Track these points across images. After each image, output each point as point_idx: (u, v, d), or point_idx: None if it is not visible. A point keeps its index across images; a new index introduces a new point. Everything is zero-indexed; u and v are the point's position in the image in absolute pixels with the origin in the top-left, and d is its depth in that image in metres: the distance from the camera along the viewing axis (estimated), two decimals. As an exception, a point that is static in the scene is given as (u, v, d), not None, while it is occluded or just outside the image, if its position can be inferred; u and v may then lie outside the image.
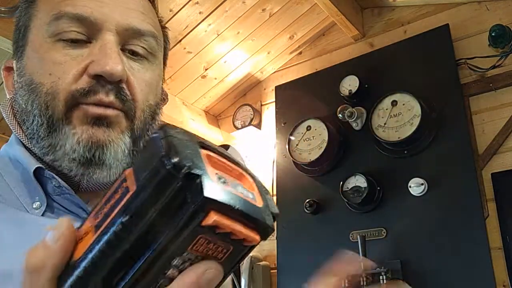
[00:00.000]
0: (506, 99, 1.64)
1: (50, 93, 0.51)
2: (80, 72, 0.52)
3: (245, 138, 2.31)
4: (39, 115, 0.52)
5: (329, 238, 1.81)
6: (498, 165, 1.59)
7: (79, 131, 0.51)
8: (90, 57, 0.52)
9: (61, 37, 0.53)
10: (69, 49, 0.52)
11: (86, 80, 0.51)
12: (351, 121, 1.85)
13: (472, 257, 1.48)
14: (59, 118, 0.52)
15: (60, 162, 0.52)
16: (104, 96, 0.51)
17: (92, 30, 0.53)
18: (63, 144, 0.51)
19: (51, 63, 0.52)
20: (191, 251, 0.26)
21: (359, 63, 1.99)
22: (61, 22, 0.52)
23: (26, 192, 0.52)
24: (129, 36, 0.55)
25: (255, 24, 2.09)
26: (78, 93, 0.51)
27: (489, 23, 1.66)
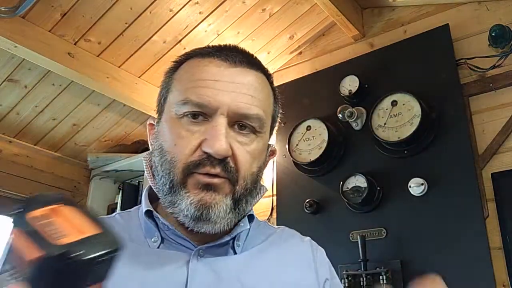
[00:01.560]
0: (506, 99, 1.64)
1: (172, 161, 0.65)
2: (196, 147, 0.64)
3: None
4: (164, 177, 0.66)
5: (329, 238, 1.80)
6: (498, 165, 1.59)
7: (191, 196, 0.64)
8: (204, 135, 0.64)
9: (186, 113, 0.65)
10: (190, 125, 0.65)
11: (199, 154, 0.64)
12: (351, 121, 1.85)
13: (472, 257, 1.48)
14: (178, 183, 0.64)
15: (177, 215, 0.65)
16: (211, 169, 0.63)
17: (209, 111, 0.65)
18: (180, 203, 0.64)
19: (176, 136, 0.65)
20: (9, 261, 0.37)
21: (359, 63, 1.98)
22: (186, 107, 0.65)
23: (149, 232, 0.69)
24: (238, 118, 0.66)
25: (255, 24, 2.09)
26: (192, 164, 0.64)
27: (489, 23, 1.66)
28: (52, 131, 2.49)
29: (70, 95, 2.26)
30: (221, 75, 0.67)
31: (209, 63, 0.68)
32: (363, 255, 1.59)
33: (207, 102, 0.64)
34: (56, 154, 2.64)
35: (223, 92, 0.65)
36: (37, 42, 1.78)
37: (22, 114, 2.34)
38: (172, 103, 0.68)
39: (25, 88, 2.18)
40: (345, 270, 1.65)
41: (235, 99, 0.66)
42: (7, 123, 2.37)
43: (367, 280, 1.57)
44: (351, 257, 1.66)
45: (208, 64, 0.68)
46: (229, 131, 0.65)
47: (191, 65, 0.70)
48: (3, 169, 2.46)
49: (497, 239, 1.50)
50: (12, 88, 2.16)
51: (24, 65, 2.04)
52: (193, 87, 0.66)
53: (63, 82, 2.18)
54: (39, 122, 2.41)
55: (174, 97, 0.68)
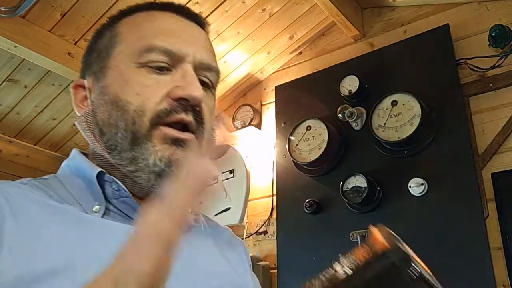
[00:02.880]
0: (506, 99, 1.64)
1: (137, 110, 0.59)
2: (165, 95, 0.60)
3: (245, 138, 2.31)
4: (124, 129, 0.60)
5: (329, 238, 1.81)
6: (498, 165, 1.59)
7: (161, 149, 0.59)
8: (173, 83, 0.61)
9: (148, 65, 0.61)
10: (154, 74, 0.61)
11: (169, 102, 0.60)
12: (351, 121, 1.85)
13: (472, 257, 1.48)
14: (143, 135, 0.59)
15: (140, 173, 0.59)
16: (185, 116, 0.60)
17: (174, 61, 0.62)
18: (146, 158, 0.59)
19: (138, 85, 0.60)
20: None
21: (359, 63, 1.98)
22: (152, 54, 0.61)
23: (87, 196, 0.60)
24: (201, 69, 0.65)
25: (255, 24, 2.09)
26: (162, 113, 0.59)
27: (489, 23, 1.66)
28: (52, 131, 2.49)
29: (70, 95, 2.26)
30: (183, 27, 0.66)
31: (166, 15, 0.66)
32: (363, 255, 1.59)
33: (176, 49, 0.62)
34: (56, 154, 2.64)
35: (189, 42, 0.64)
36: (37, 42, 1.78)
37: (22, 114, 2.34)
38: (127, 54, 0.63)
39: (25, 88, 2.18)
40: (345, 270, 1.65)
41: (199, 51, 0.65)
42: (7, 123, 2.37)
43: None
44: (351, 257, 1.66)
45: (166, 16, 0.66)
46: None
47: (144, 16, 0.67)
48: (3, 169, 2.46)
49: (497, 239, 1.50)
50: (12, 88, 2.16)
51: (24, 65, 2.04)
52: (157, 35, 0.63)
53: (63, 82, 2.17)
54: (39, 122, 2.41)
55: (129, 47, 0.63)
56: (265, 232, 2.12)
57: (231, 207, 2.13)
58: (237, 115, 2.35)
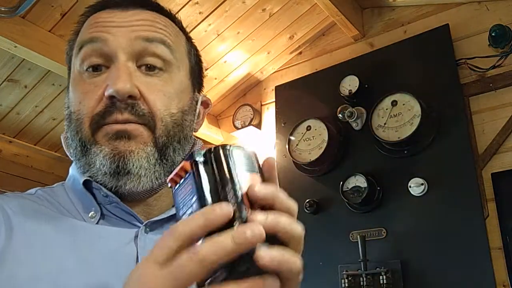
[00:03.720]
0: (506, 99, 1.64)
1: (78, 119, 0.59)
2: (100, 96, 0.58)
3: (245, 138, 2.31)
4: (73, 140, 0.61)
5: (329, 238, 1.81)
6: (498, 165, 1.59)
7: (104, 146, 0.58)
8: (106, 81, 0.58)
9: (85, 65, 0.60)
10: (92, 78, 0.60)
11: (105, 103, 0.58)
12: (351, 121, 1.85)
13: (472, 257, 1.48)
14: (88, 140, 0.59)
15: (96, 177, 0.59)
16: (119, 115, 0.57)
17: (107, 53, 0.59)
18: (94, 162, 0.58)
19: (80, 93, 0.60)
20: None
21: (359, 63, 1.98)
22: (82, 51, 0.61)
23: (83, 204, 0.61)
24: (139, 48, 0.60)
25: (255, 24, 2.09)
26: (98, 116, 0.58)
27: (489, 23, 1.66)
28: (52, 131, 2.49)
29: (70, 95, 2.27)
30: (114, 18, 0.62)
31: (101, 13, 0.64)
32: (363, 255, 1.59)
33: (99, 36, 0.60)
34: (56, 154, 2.64)
35: (117, 28, 0.61)
36: (37, 42, 1.78)
37: (22, 114, 2.34)
38: (74, 64, 0.63)
39: (25, 88, 2.18)
40: (345, 270, 1.65)
41: (132, 30, 0.61)
42: (7, 123, 2.37)
43: (367, 280, 1.57)
44: (351, 257, 1.66)
45: (100, 13, 0.64)
46: (136, 72, 0.60)
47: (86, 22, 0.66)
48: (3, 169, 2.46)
49: (497, 239, 1.50)
50: (12, 88, 2.16)
51: (24, 65, 2.04)
52: (87, 32, 0.62)
53: (63, 82, 2.17)
54: (39, 122, 2.41)
55: (75, 56, 0.63)
56: (265, 232, 2.12)
57: (231, 207, 2.13)
58: (237, 115, 2.35)
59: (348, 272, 1.63)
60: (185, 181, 0.39)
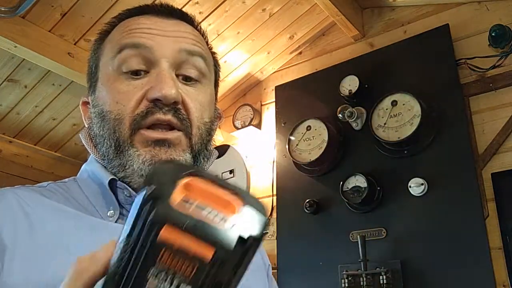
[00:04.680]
0: (506, 99, 1.64)
1: (117, 118, 0.60)
2: (140, 98, 0.59)
3: (245, 138, 2.31)
4: (108, 139, 0.61)
5: (329, 238, 1.81)
6: (498, 165, 1.59)
7: (143, 153, 0.59)
8: (148, 84, 0.60)
9: (124, 68, 0.61)
10: (131, 80, 0.61)
11: (145, 104, 0.59)
12: (351, 121, 1.85)
13: (472, 257, 1.48)
14: (125, 141, 0.59)
15: (130, 178, 0.60)
16: (162, 116, 0.59)
17: (149, 59, 0.61)
18: (131, 164, 0.59)
19: (117, 93, 0.60)
20: (160, 263, 0.29)
21: (359, 63, 1.98)
22: (123, 54, 0.61)
23: (102, 202, 0.61)
24: (181, 59, 0.62)
25: (255, 24, 2.09)
26: (139, 117, 0.59)
27: (489, 23, 1.66)
28: (52, 131, 2.49)
29: (70, 95, 2.26)
30: (156, 25, 0.63)
31: (139, 19, 0.65)
32: (363, 255, 1.59)
33: (143, 41, 0.61)
34: (56, 154, 2.64)
35: (161, 37, 0.62)
36: (37, 42, 1.78)
37: (22, 114, 2.34)
38: (107, 63, 0.63)
39: (25, 88, 2.18)
40: (345, 270, 1.65)
41: (176, 40, 0.63)
42: (7, 123, 2.37)
43: (367, 280, 1.57)
44: (351, 257, 1.66)
45: (139, 19, 0.65)
46: (176, 80, 0.61)
47: (121, 25, 0.66)
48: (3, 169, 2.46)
49: (497, 239, 1.50)
50: (12, 88, 2.16)
51: (24, 65, 2.04)
52: (127, 34, 0.62)
53: (63, 82, 2.17)
54: (39, 122, 2.41)
55: (108, 55, 0.64)
56: (265, 232, 2.12)
57: (231, 207, 2.13)
58: (237, 115, 2.35)
59: (348, 272, 1.63)
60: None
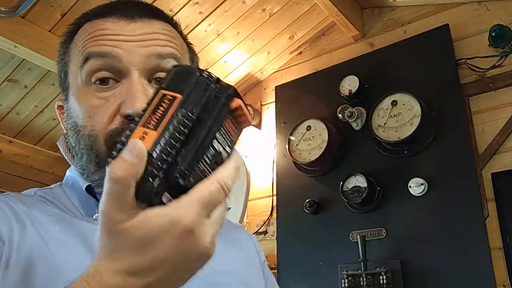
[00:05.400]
0: (506, 99, 1.64)
1: (91, 135, 0.59)
2: (114, 113, 0.58)
3: (245, 138, 2.31)
4: (86, 154, 0.60)
5: (329, 238, 1.81)
6: (498, 165, 1.59)
7: None
8: (120, 97, 0.58)
9: (94, 78, 0.59)
10: (102, 92, 0.59)
11: (119, 120, 0.57)
12: (351, 121, 1.85)
13: (472, 257, 1.48)
14: (104, 156, 0.58)
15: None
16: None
17: (118, 68, 0.59)
18: None
19: (89, 107, 0.59)
20: (224, 127, 0.42)
21: (359, 63, 1.98)
22: (90, 64, 0.59)
23: (86, 206, 0.62)
24: (152, 64, 0.60)
25: (255, 24, 2.09)
26: (113, 133, 0.57)
27: (489, 23, 1.66)
28: (52, 131, 2.49)
29: (70, 95, 2.27)
30: (122, 30, 0.60)
31: (104, 22, 0.61)
32: (363, 255, 1.59)
33: (109, 50, 0.58)
34: (56, 154, 2.64)
35: (129, 43, 0.59)
36: (37, 42, 1.78)
37: (22, 114, 2.34)
38: (75, 72, 0.61)
39: (25, 88, 2.18)
40: (345, 270, 1.65)
41: (145, 45, 0.60)
42: (7, 123, 2.37)
43: (367, 280, 1.57)
44: (351, 257, 1.66)
45: (104, 23, 0.61)
46: (148, 87, 0.59)
47: (86, 28, 0.63)
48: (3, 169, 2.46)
49: (497, 239, 1.50)
50: (12, 88, 2.16)
51: (24, 65, 2.04)
52: (92, 43, 0.60)
53: (63, 82, 2.18)
54: (39, 122, 2.41)
55: (75, 64, 0.61)
56: (265, 232, 2.12)
57: (231, 207, 2.13)
58: (237, 115, 2.35)
59: (348, 272, 1.63)
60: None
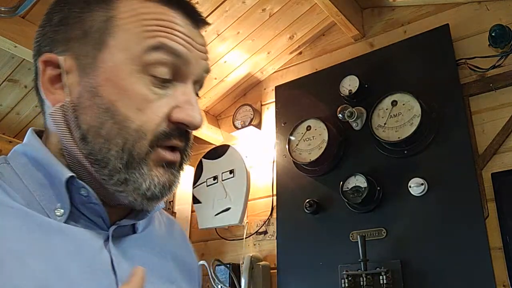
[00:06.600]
0: (506, 99, 1.64)
1: (139, 131, 0.52)
2: (166, 115, 0.54)
3: (245, 138, 2.31)
4: (121, 149, 0.52)
5: (329, 238, 1.81)
6: (498, 165, 1.59)
7: (157, 174, 0.54)
8: (174, 100, 0.55)
9: (154, 71, 0.54)
10: (157, 87, 0.54)
11: (168, 124, 0.54)
12: (351, 121, 1.85)
13: (472, 257, 1.48)
14: (141, 158, 0.53)
15: (127, 194, 0.53)
16: (179, 142, 0.56)
17: (180, 71, 0.56)
18: (139, 182, 0.53)
19: (141, 99, 0.53)
20: None
21: (359, 63, 1.98)
22: (158, 54, 0.53)
23: (49, 196, 0.52)
24: (200, 78, 0.60)
25: (255, 24, 2.09)
26: (161, 136, 0.54)
27: (489, 23, 1.66)
28: (52, 131, 2.49)
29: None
30: (189, 30, 0.57)
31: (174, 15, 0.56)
32: (363, 255, 1.59)
33: (184, 53, 0.55)
34: (56, 154, 2.64)
35: (195, 51, 0.57)
36: (37, 42, 1.78)
37: (22, 114, 2.34)
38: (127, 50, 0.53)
39: (25, 88, 2.18)
40: (345, 270, 1.65)
41: (203, 58, 0.59)
42: (7, 123, 2.37)
43: (367, 280, 1.57)
44: (351, 257, 1.66)
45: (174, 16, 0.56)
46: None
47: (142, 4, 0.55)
48: (3, 169, 2.45)
49: (497, 239, 1.50)
50: (12, 88, 2.16)
51: (24, 65, 2.04)
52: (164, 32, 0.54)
53: (63, 82, 2.18)
54: (39, 122, 2.41)
55: (130, 41, 0.53)
56: (265, 232, 2.12)
57: (231, 207, 2.13)
58: (237, 115, 2.35)
59: (348, 272, 1.63)
60: None
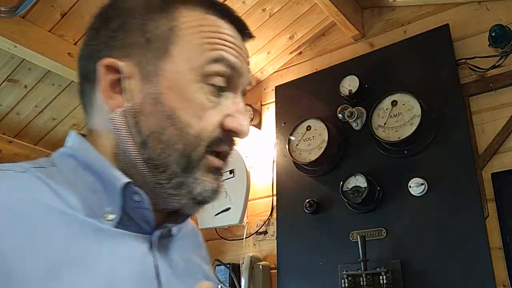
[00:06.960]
0: (506, 99, 1.64)
1: (198, 137, 0.55)
2: (219, 122, 0.57)
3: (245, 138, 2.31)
4: (182, 154, 0.54)
5: (329, 238, 1.81)
6: (498, 165, 1.59)
7: (207, 179, 0.56)
8: (225, 109, 0.58)
9: (211, 80, 0.56)
10: (213, 96, 0.57)
11: (221, 131, 0.57)
12: (351, 121, 1.85)
13: (472, 257, 1.48)
14: (196, 162, 0.55)
15: (180, 197, 0.56)
16: (227, 148, 0.59)
17: (233, 82, 0.59)
18: (193, 186, 0.55)
19: (200, 107, 0.55)
20: None
21: (359, 63, 1.98)
22: (219, 66, 0.56)
23: (100, 201, 0.53)
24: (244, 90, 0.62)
25: (255, 24, 2.09)
26: (215, 142, 0.56)
27: (489, 23, 1.66)
28: (52, 131, 2.49)
29: (70, 95, 2.26)
30: (241, 47, 0.61)
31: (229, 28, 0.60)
32: (363, 255, 1.59)
33: (239, 66, 0.59)
34: (56, 154, 2.64)
35: (246, 65, 0.62)
36: (37, 42, 1.78)
37: (22, 114, 2.34)
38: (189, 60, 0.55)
39: (25, 88, 2.18)
40: (345, 270, 1.65)
41: (248, 70, 0.63)
42: (7, 123, 2.37)
43: (367, 280, 1.57)
44: (351, 257, 1.66)
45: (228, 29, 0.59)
46: None
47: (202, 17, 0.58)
48: (3, 169, 2.45)
49: (497, 239, 1.50)
50: (12, 88, 2.16)
51: (24, 65, 2.04)
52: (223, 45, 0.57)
53: (63, 82, 2.17)
54: (39, 122, 2.41)
55: (192, 51, 0.56)
56: (265, 232, 2.12)
57: (231, 207, 2.13)
58: (237, 115, 2.35)
59: (348, 272, 1.63)
60: None
